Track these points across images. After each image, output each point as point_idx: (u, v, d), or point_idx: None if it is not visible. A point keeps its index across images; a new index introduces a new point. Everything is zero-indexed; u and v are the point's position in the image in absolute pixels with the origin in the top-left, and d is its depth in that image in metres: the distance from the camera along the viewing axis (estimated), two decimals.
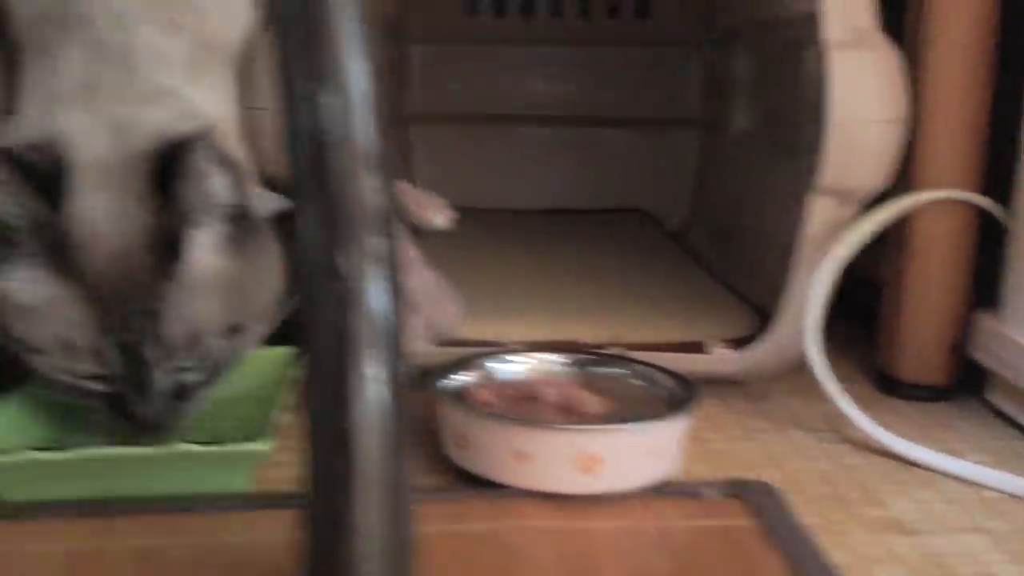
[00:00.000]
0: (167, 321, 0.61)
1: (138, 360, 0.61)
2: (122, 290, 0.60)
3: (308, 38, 0.43)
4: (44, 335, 0.61)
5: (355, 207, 0.45)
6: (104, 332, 0.60)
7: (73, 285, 0.60)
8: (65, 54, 0.67)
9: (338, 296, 0.45)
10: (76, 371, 0.62)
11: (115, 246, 0.61)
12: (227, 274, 0.64)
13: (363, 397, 0.45)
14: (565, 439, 0.61)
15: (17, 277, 0.61)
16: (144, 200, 0.62)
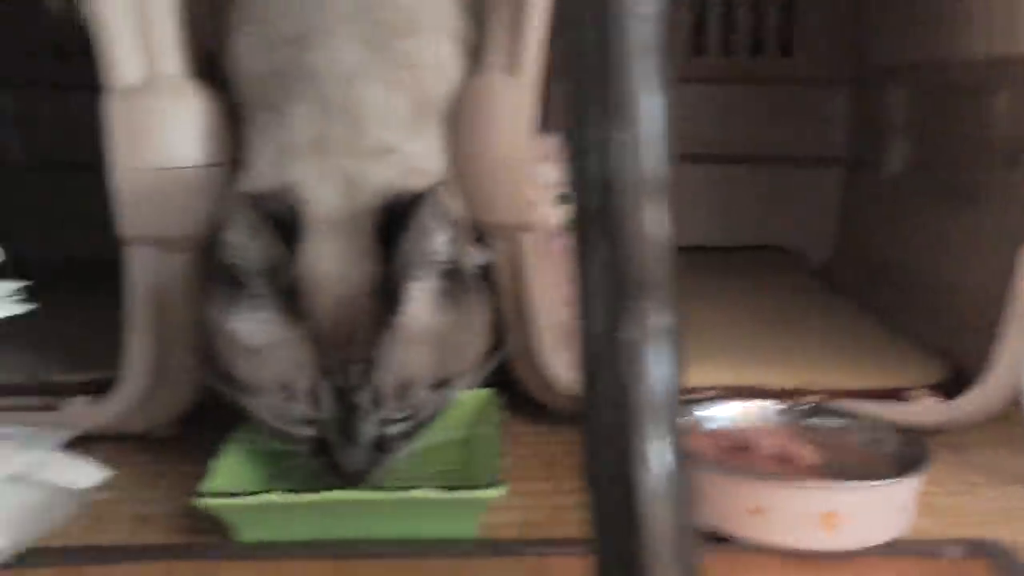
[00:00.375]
0: (381, 370, 0.62)
1: (350, 406, 0.62)
2: (343, 337, 0.62)
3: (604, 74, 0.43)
4: (265, 376, 0.63)
5: (644, 263, 0.45)
6: (322, 376, 0.62)
7: (297, 329, 0.62)
8: (295, 110, 0.69)
9: (622, 364, 0.45)
10: (290, 414, 0.63)
11: (340, 294, 0.62)
12: (439, 328, 0.65)
13: (649, 469, 0.45)
14: (805, 495, 0.60)
15: (246, 318, 0.63)
16: (369, 251, 0.63)
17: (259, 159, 0.69)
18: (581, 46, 0.43)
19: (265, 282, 0.62)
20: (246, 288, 0.63)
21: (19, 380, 0.79)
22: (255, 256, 0.62)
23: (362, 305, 0.62)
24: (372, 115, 0.69)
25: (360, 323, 0.62)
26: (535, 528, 0.67)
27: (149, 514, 0.68)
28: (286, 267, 0.61)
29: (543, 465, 0.77)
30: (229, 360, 0.65)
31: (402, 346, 0.63)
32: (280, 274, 0.62)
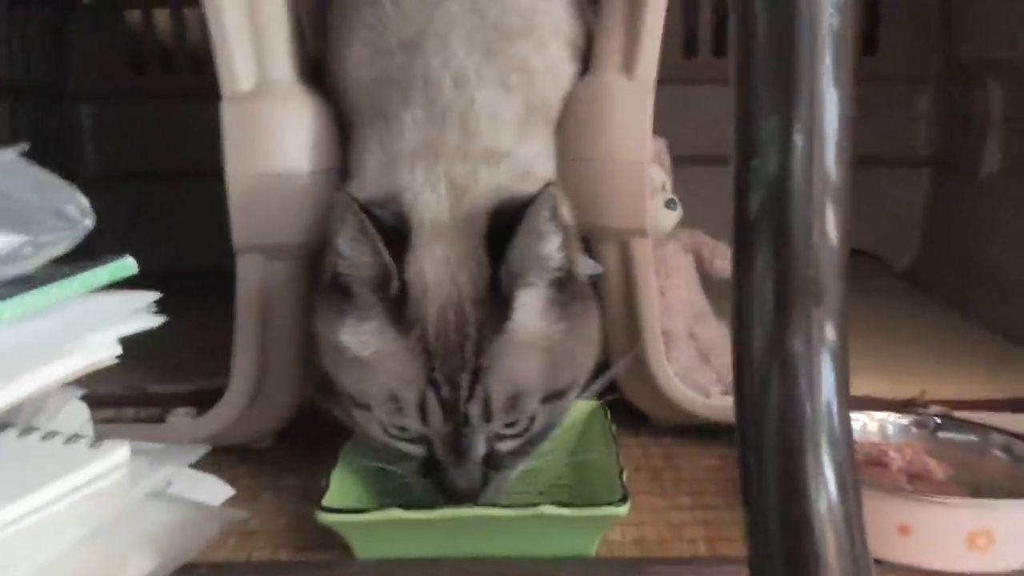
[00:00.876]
0: (491, 380, 0.59)
1: (460, 419, 0.60)
2: (452, 346, 0.60)
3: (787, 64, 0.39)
4: (374, 389, 0.61)
5: (816, 270, 0.42)
6: (431, 387, 0.59)
7: (406, 339, 0.60)
8: (405, 116, 0.68)
9: (790, 376, 0.42)
10: (398, 429, 0.61)
11: (448, 302, 0.60)
12: (550, 337, 0.62)
13: (825, 486, 0.42)
14: (956, 514, 0.57)
15: (354, 329, 0.61)
16: (478, 257, 0.61)
17: (369, 166, 0.68)
18: (760, 35, 0.41)
19: (373, 291, 0.60)
20: (354, 298, 0.61)
21: (122, 391, 0.79)
22: (363, 263, 0.60)
23: (471, 313, 0.60)
24: (484, 119, 0.67)
25: (469, 332, 0.60)
26: (652, 546, 0.65)
27: (254, 529, 0.67)
28: (393, 275, 0.60)
29: (650, 479, 0.75)
30: (337, 373, 0.63)
31: (512, 355, 0.60)
32: (388, 282, 0.60)
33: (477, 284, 0.61)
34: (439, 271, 0.61)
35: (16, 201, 0.45)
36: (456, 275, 0.61)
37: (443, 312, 0.60)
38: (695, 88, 1.25)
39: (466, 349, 0.59)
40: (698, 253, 0.83)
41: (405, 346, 0.60)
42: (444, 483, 0.61)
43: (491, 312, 0.60)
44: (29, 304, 0.42)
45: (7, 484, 0.44)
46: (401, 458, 0.63)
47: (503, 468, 0.63)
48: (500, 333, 0.60)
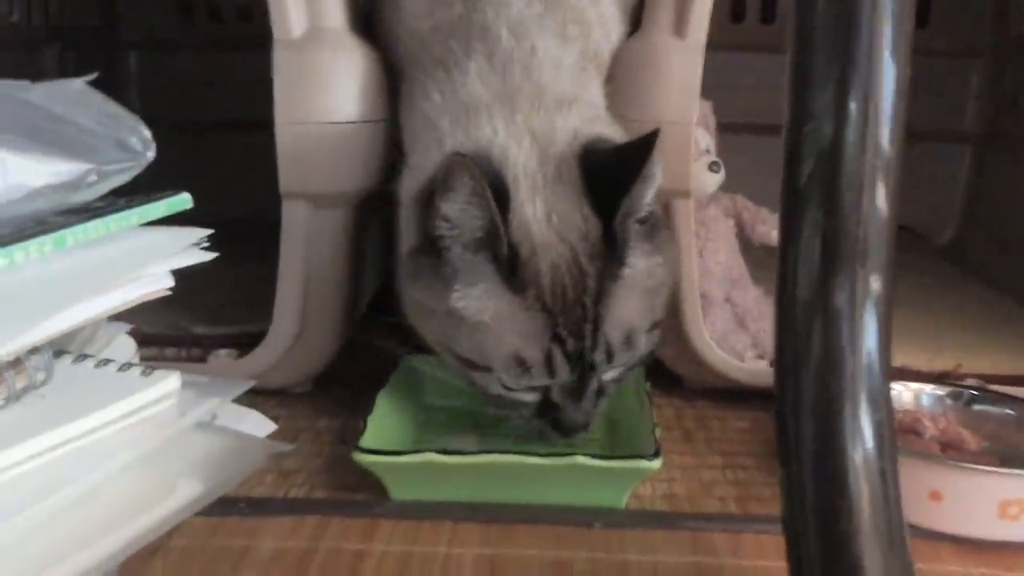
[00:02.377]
0: (610, 324, 0.61)
1: (587, 367, 0.61)
2: (571, 301, 0.60)
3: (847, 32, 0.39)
4: (496, 352, 0.61)
5: (865, 237, 0.42)
6: (556, 343, 0.60)
7: (522, 300, 0.60)
8: (469, 64, 0.67)
9: (832, 332, 0.42)
10: (523, 384, 0.62)
11: (560, 258, 0.60)
12: (653, 274, 0.63)
13: (863, 442, 0.42)
14: (989, 482, 0.57)
15: (466, 294, 0.60)
16: (582, 210, 0.62)
17: (438, 118, 0.67)
18: (821, 2, 0.41)
19: (476, 252, 0.60)
20: (454, 261, 0.60)
21: (166, 331, 0.80)
22: (471, 226, 0.59)
23: (587, 266, 0.60)
24: (547, 67, 0.67)
25: (587, 284, 0.60)
26: (682, 502, 0.65)
27: (291, 468, 0.69)
28: (503, 237, 0.59)
29: (682, 439, 0.76)
30: (449, 340, 0.63)
31: (625, 297, 0.61)
32: (496, 244, 0.59)
33: (587, 237, 0.61)
34: (544, 227, 0.61)
35: (83, 130, 0.46)
36: (563, 230, 0.61)
37: (556, 269, 0.60)
38: (740, 55, 1.24)
39: (585, 301, 0.60)
40: (739, 218, 0.82)
41: (523, 307, 0.60)
42: (561, 421, 0.63)
43: (605, 261, 0.61)
44: (91, 232, 0.44)
45: (63, 407, 0.45)
46: (516, 406, 0.64)
47: (606, 395, 0.65)
48: (616, 280, 0.61)
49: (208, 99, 1.27)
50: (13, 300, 0.39)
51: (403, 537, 0.59)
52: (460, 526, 0.61)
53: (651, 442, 0.63)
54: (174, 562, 0.55)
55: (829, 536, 0.42)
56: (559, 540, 0.59)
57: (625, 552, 0.58)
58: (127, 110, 0.49)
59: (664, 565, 0.57)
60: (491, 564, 0.56)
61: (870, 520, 0.42)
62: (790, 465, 0.44)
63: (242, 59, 1.03)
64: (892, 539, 0.42)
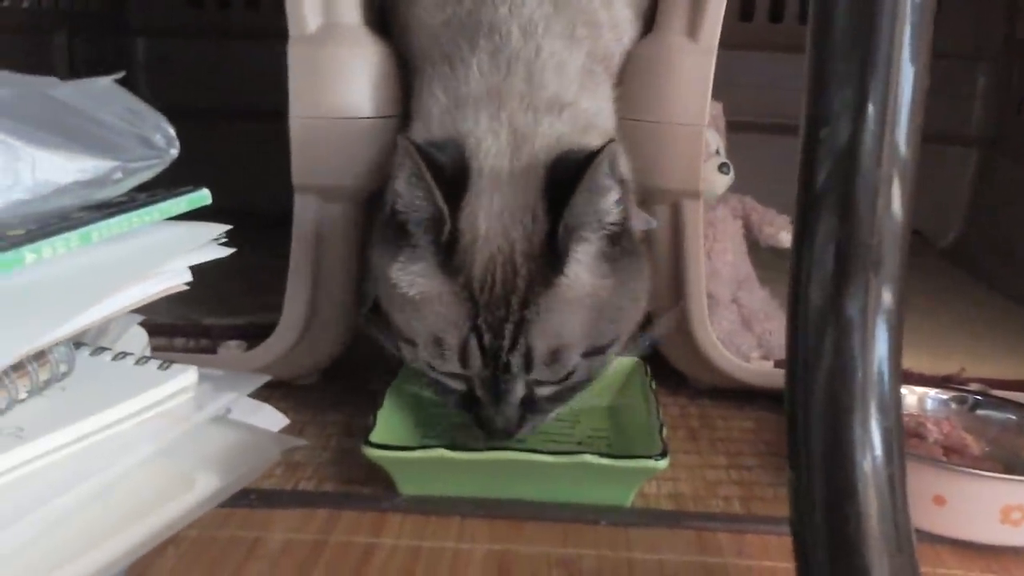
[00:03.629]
0: (534, 333, 0.60)
1: (501, 367, 0.61)
2: (498, 296, 0.60)
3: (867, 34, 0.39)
4: (419, 328, 0.62)
5: (879, 241, 0.43)
6: (473, 334, 0.60)
7: (452, 284, 0.61)
8: (472, 59, 0.68)
9: (844, 340, 0.43)
10: (439, 367, 0.63)
11: (499, 252, 0.61)
12: (598, 293, 0.62)
13: (872, 449, 0.43)
14: (992, 487, 0.58)
15: (405, 268, 0.62)
16: (534, 208, 0.62)
17: (433, 109, 0.68)
18: (841, 5, 0.41)
19: (425, 232, 0.61)
20: (408, 237, 0.62)
21: (176, 322, 0.81)
22: (418, 205, 0.61)
23: (521, 266, 0.60)
24: (550, 68, 0.68)
25: (517, 284, 0.60)
26: (687, 501, 0.66)
27: (300, 461, 0.69)
28: (446, 220, 0.60)
29: (687, 438, 0.77)
30: (388, 306, 0.65)
31: (558, 310, 0.60)
32: (440, 226, 0.60)
33: (531, 238, 0.61)
34: (493, 221, 0.61)
35: (109, 128, 0.46)
36: (509, 227, 0.61)
37: (491, 262, 0.61)
38: (749, 53, 1.25)
39: (512, 301, 0.60)
40: (747, 219, 0.83)
41: (451, 290, 0.61)
42: (482, 420, 0.63)
43: (542, 267, 0.60)
44: (114, 227, 0.44)
45: (84, 400, 0.46)
46: (444, 391, 0.65)
47: (539, 411, 0.64)
48: (549, 288, 0.60)
49: (216, 87, 1.27)
50: (42, 295, 0.40)
51: (412, 532, 0.60)
52: (468, 521, 0.62)
53: (658, 442, 0.63)
54: (185, 552, 0.56)
55: (838, 542, 0.43)
56: (566, 537, 0.60)
57: (631, 550, 0.59)
58: (152, 108, 0.49)
59: (669, 563, 0.58)
60: (500, 559, 0.57)
61: (878, 527, 0.43)
62: (800, 470, 0.44)
63: (250, 48, 1.04)
64: (900, 545, 0.43)
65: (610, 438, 0.73)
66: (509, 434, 0.63)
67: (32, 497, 0.41)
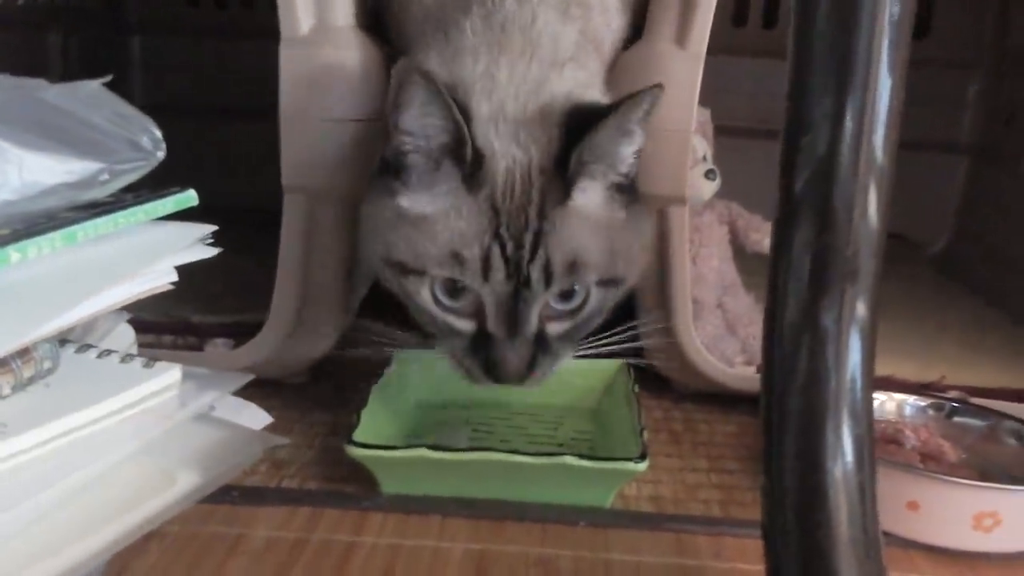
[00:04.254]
0: (552, 244, 0.61)
1: (522, 280, 0.61)
2: (518, 206, 0.62)
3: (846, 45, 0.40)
4: (433, 250, 0.62)
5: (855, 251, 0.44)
6: (497, 243, 0.61)
7: (474, 197, 0.62)
8: (466, 24, 0.68)
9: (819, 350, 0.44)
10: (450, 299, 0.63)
11: (516, 166, 0.62)
12: (611, 224, 0.64)
13: (843, 457, 0.44)
14: (965, 494, 0.59)
15: (414, 195, 0.62)
16: (550, 135, 0.63)
17: (428, 60, 0.68)
18: (821, 17, 0.42)
19: (437, 158, 0.62)
20: (412, 170, 0.62)
21: (163, 319, 0.81)
22: (430, 133, 0.61)
23: (536, 179, 0.62)
24: (546, 35, 0.68)
25: (533, 196, 0.62)
26: (667, 503, 0.67)
27: (284, 459, 0.70)
28: (466, 137, 0.60)
29: (669, 441, 0.77)
30: (389, 246, 0.64)
31: (573, 226, 0.62)
32: (457, 147, 0.61)
33: (544, 156, 0.63)
34: (507, 141, 0.63)
35: (97, 130, 0.47)
36: (527, 143, 0.63)
37: (510, 173, 0.62)
38: (742, 59, 1.25)
39: (530, 212, 0.62)
40: (733, 225, 0.84)
41: (473, 203, 0.62)
42: (492, 362, 0.62)
43: (555, 184, 0.62)
44: (100, 228, 0.45)
45: (67, 396, 0.46)
46: (450, 335, 0.64)
47: (550, 353, 0.64)
48: (562, 204, 0.62)
49: (212, 86, 1.28)
50: (27, 293, 0.41)
51: (393, 530, 0.61)
52: (449, 521, 0.62)
53: (638, 444, 0.64)
54: (167, 548, 0.57)
55: (808, 546, 0.44)
56: (545, 537, 0.61)
57: (609, 551, 0.59)
58: (139, 111, 0.50)
59: (647, 565, 0.58)
60: (478, 558, 0.58)
61: (848, 532, 0.43)
62: (773, 475, 0.45)
63: (246, 47, 1.04)
64: (868, 550, 0.44)
65: (593, 440, 0.73)
66: (520, 378, 0.63)
67: (15, 492, 0.41)
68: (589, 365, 0.79)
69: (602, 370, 0.79)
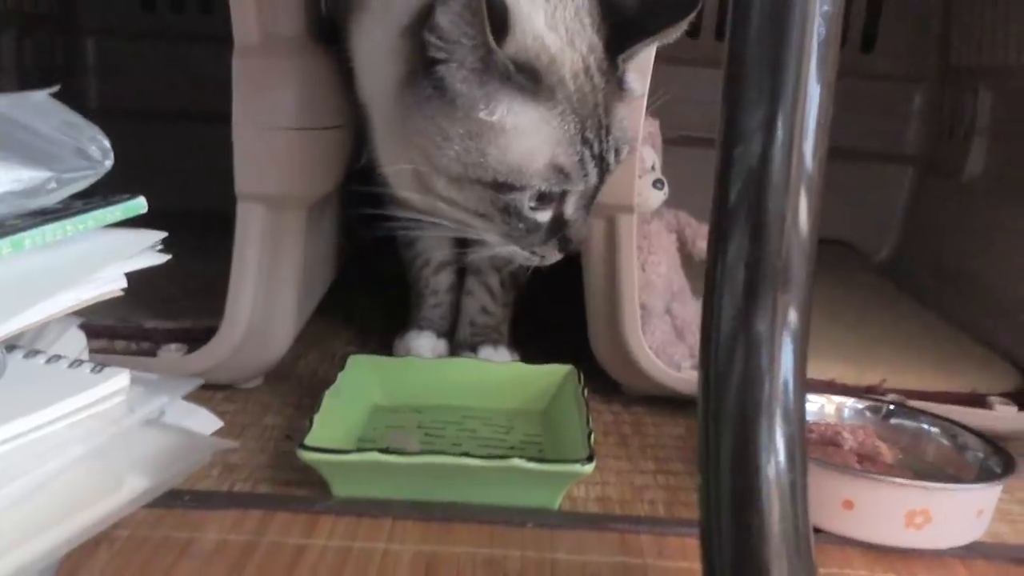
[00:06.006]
0: (617, 131, 0.68)
1: (605, 168, 0.68)
2: (588, 105, 0.66)
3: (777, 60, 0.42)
4: (534, 166, 0.65)
5: (787, 258, 0.45)
6: (585, 146, 0.66)
7: (553, 105, 0.65)
8: None
9: (753, 354, 0.45)
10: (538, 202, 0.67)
11: (576, 64, 0.66)
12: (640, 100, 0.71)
13: (775, 456, 0.46)
14: (897, 492, 0.61)
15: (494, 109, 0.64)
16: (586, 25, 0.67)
17: None
18: (753, 30, 0.43)
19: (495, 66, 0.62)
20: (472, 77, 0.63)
21: (116, 324, 0.81)
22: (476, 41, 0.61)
23: (598, 80, 0.67)
24: None
25: (596, 95, 0.66)
26: (614, 505, 0.68)
27: (236, 463, 0.70)
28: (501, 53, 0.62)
29: (618, 443, 0.79)
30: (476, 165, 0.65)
31: (623, 109, 0.69)
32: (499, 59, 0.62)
33: (594, 51, 0.67)
34: (557, 38, 0.66)
35: (45, 139, 0.47)
36: (574, 41, 0.66)
37: (576, 77, 0.66)
38: (694, 69, 1.28)
39: (599, 111, 0.67)
40: (681, 233, 0.86)
41: (555, 113, 0.65)
42: (567, 239, 0.70)
43: (611, 77, 0.68)
44: (48, 235, 0.45)
45: (15, 401, 0.47)
46: (529, 232, 0.69)
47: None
48: (618, 98, 0.68)
49: (165, 90, 1.27)
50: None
51: (344, 533, 0.62)
52: (399, 523, 0.63)
53: (585, 447, 0.65)
54: (118, 552, 0.57)
55: (741, 542, 0.45)
56: (493, 538, 0.62)
57: (555, 551, 0.61)
58: (87, 120, 0.50)
59: (592, 564, 0.60)
60: (428, 560, 0.59)
61: (779, 529, 0.45)
62: (709, 474, 0.47)
63: (201, 51, 1.04)
64: (799, 547, 0.46)
65: (543, 443, 0.75)
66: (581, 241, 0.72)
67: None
68: (540, 370, 0.81)
69: (552, 374, 0.80)
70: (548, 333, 0.92)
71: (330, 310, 0.97)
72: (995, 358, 0.93)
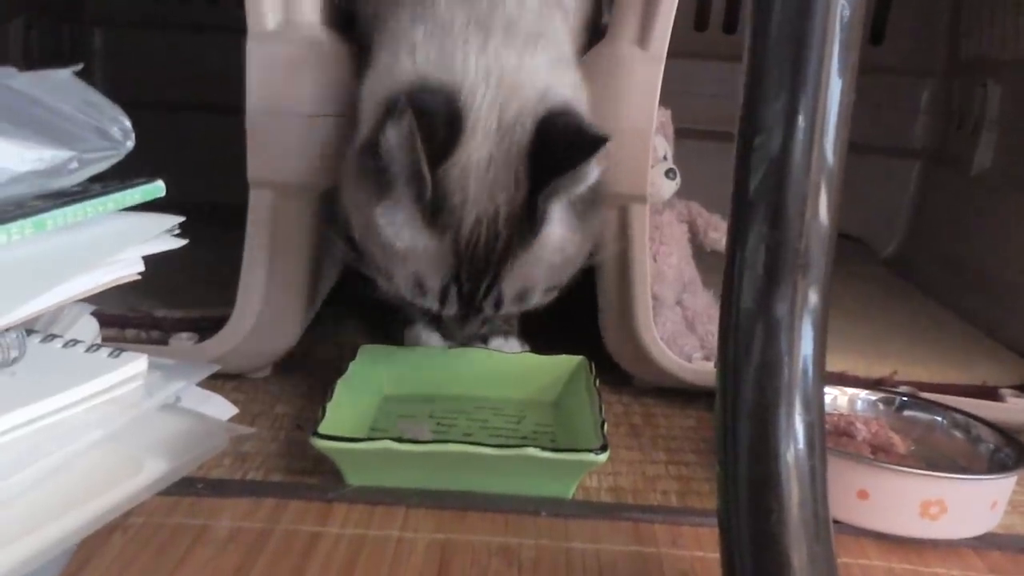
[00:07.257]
0: (507, 282, 0.66)
1: (474, 309, 0.67)
2: (480, 254, 0.65)
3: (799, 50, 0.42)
4: (400, 271, 0.67)
5: (807, 247, 0.45)
6: (455, 283, 0.66)
7: (439, 240, 0.65)
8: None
9: (773, 340, 0.45)
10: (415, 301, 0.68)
11: (485, 212, 0.65)
12: (565, 248, 0.68)
13: (795, 443, 0.45)
14: (912, 483, 0.61)
15: (390, 217, 0.65)
16: (518, 174, 0.65)
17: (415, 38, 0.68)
18: (775, 20, 0.43)
19: (412, 191, 0.64)
20: (392, 184, 0.65)
21: (127, 313, 0.81)
22: (405, 165, 0.63)
23: (503, 230, 0.65)
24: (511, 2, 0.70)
25: (497, 246, 0.65)
26: (626, 494, 0.68)
27: (248, 452, 0.70)
28: (428, 188, 0.63)
29: (629, 434, 0.79)
30: (367, 240, 0.68)
31: (531, 264, 0.66)
32: (424, 186, 0.63)
33: (513, 202, 0.65)
34: (480, 184, 0.65)
35: (67, 118, 0.47)
36: (495, 190, 0.65)
37: (478, 224, 0.65)
38: (702, 62, 1.28)
39: (491, 258, 0.65)
40: (693, 224, 0.86)
41: (437, 245, 0.65)
42: (447, 333, 0.72)
43: (521, 230, 0.65)
44: (69, 216, 0.45)
45: (33, 385, 0.46)
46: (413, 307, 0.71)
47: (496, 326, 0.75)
48: (526, 249, 0.66)
49: (174, 80, 1.27)
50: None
51: (357, 521, 0.61)
52: (413, 511, 0.63)
53: (599, 436, 0.65)
54: (132, 539, 0.57)
55: (760, 530, 0.45)
56: (507, 527, 0.62)
57: (569, 540, 0.61)
58: (109, 100, 0.50)
59: (606, 553, 0.60)
60: (442, 548, 0.59)
61: (799, 515, 0.45)
62: (727, 462, 0.47)
63: (209, 41, 1.04)
64: (818, 533, 0.45)
65: (555, 433, 0.75)
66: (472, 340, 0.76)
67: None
68: (551, 360, 0.81)
69: (563, 364, 0.80)
70: (557, 324, 0.92)
71: (339, 300, 0.97)
72: (1005, 351, 0.93)
